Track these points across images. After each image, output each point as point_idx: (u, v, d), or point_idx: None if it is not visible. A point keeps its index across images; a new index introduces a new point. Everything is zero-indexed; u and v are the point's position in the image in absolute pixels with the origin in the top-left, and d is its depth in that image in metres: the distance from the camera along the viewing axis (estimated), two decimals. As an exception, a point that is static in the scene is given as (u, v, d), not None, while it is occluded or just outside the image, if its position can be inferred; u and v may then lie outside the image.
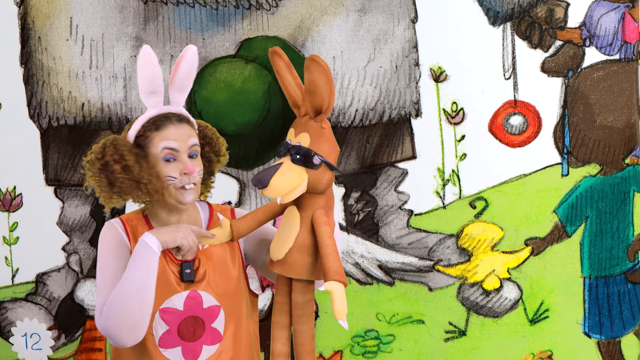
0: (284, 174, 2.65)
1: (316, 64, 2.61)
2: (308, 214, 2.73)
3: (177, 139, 2.75)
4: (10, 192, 3.67)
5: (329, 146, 2.72)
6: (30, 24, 3.63)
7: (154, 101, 2.82)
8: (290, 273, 2.73)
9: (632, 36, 3.72)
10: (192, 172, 2.74)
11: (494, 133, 3.74)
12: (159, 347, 2.77)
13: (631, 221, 3.78)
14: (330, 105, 2.65)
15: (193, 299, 2.78)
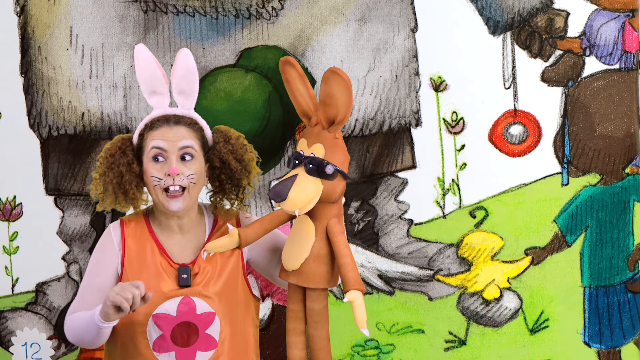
0: (301, 186, 2.65)
1: (337, 77, 2.61)
2: (322, 224, 2.74)
3: (166, 139, 2.75)
4: (10, 201, 3.65)
5: (342, 156, 2.75)
6: (30, 34, 3.61)
7: (156, 101, 2.83)
8: (307, 283, 2.75)
9: (632, 46, 3.70)
10: (174, 173, 2.71)
11: (494, 142, 3.72)
12: (153, 351, 2.77)
13: (631, 231, 3.75)
14: (347, 116, 2.66)
15: (186, 304, 2.77)
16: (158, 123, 2.79)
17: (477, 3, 3.67)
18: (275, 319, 3.71)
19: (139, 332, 2.78)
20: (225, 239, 2.80)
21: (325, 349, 2.81)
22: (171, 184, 2.72)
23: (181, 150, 2.75)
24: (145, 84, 2.82)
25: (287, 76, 2.82)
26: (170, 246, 2.84)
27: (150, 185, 2.76)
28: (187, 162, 2.75)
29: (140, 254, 2.82)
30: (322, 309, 2.79)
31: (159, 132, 2.77)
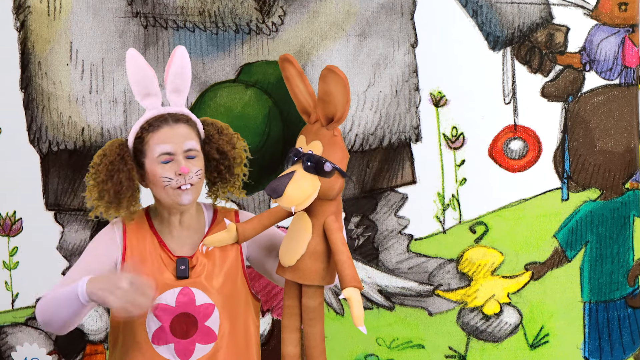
0: (297, 182, 2.64)
1: (334, 75, 2.61)
2: (320, 221, 2.73)
3: (172, 142, 2.74)
4: (10, 216, 3.62)
5: (341, 153, 2.73)
6: (30, 49, 3.58)
7: (149, 103, 2.82)
8: (302, 279, 2.74)
9: (632, 61, 3.67)
10: (186, 173, 2.72)
11: (494, 158, 3.69)
12: (151, 343, 2.76)
13: (631, 246, 3.72)
14: (344, 114, 2.65)
15: (185, 295, 2.76)
16: (157, 123, 2.78)
17: (477, 18, 3.64)
18: (275, 334, 3.68)
19: (139, 323, 2.77)
20: (223, 234, 2.80)
21: (320, 347, 2.80)
22: (183, 183, 2.73)
23: (187, 152, 2.75)
24: (138, 87, 2.81)
25: (286, 73, 2.81)
26: (170, 241, 2.84)
27: (159, 186, 2.75)
28: (193, 160, 2.76)
29: (141, 247, 2.82)
30: (317, 306, 2.78)
31: (162, 134, 2.76)
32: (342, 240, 2.72)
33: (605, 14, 3.65)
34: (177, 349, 2.77)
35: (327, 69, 2.63)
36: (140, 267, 2.74)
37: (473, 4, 3.64)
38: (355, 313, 2.63)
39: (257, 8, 3.58)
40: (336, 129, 2.73)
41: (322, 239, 2.73)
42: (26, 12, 3.57)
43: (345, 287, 2.65)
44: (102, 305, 2.66)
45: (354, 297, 2.63)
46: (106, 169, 2.78)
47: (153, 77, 2.80)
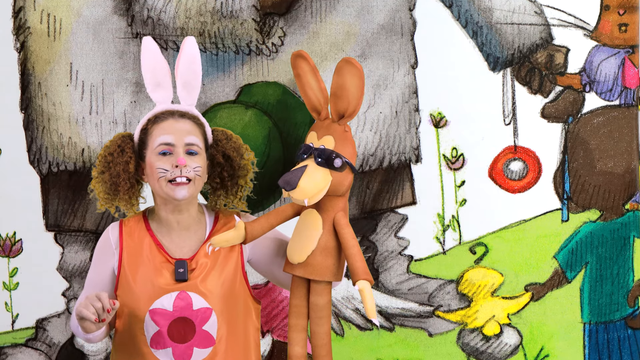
0: (311, 175, 2.65)
1: (351, 66, 2.60)
2: (330, 216, 2.76)
3: (173, 133, 2.75)
4: (10, 237, 3.58)
5: (351, 149, 2.75)
6: (30, 70, 3.54)
7: (160, 96, 2.84)
8: (313, 275, 2.75)
9: (632, 82, 3.63)
10: (183, 164, 2.70)
11: (494, 179, 3.64)
12: (150, 348, 2.76)
13: (631, 267, 3.67)
14: (357, 108, 2.66)
15: (182, 300, 2.75)
16: (163, 116, 2.81)
17: (477, 39, 3.61)
18: (275, 355, 3.64)
19: (137, 328, 2.78)
20: (231, 233, 2.78)
21: (327, 346, 2.80)
22: (178, 175, 2.73)
23: (187, 146, 2.76)
24: (150, 75, 2.84)
25: (298, 70, 2.81)
26: (168, 243, 2.83)
27: (155, 178, 2.76)
28: (193, 156, 2.76)
29: (138, 251, 2.81)
30: (325, 304, 2.79)
31: (165, 125, 2.78)
32: (352, 235, 2.74)
33: (605, 34, 3.62)
34: (175, 354, 2.76)
35: (344, 60, 2.65)
36: None
37: (473, 25, 3.61)
38: (368, 306, 2.64)
39: (257, 29, 3.55)
40: (346, 125, 2.75)
41: (333, 234, 2.75)
42: (26, 33, 3.53)
43: (357, 279, 2.67)
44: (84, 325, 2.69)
45: (366, 289, 2.65)
46: (105, 160, 2.82)
47: (166, 69, 2.83)
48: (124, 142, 2.85)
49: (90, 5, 3.52)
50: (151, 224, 2.85)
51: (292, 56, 2.80)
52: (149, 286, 2.76)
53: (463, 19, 3.60)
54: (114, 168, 2.81)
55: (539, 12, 3.61)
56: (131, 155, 2.82)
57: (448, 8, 3.60)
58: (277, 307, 3.60)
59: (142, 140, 2.82)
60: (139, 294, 2.78)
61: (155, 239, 2.83)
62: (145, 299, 2.75)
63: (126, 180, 2.81)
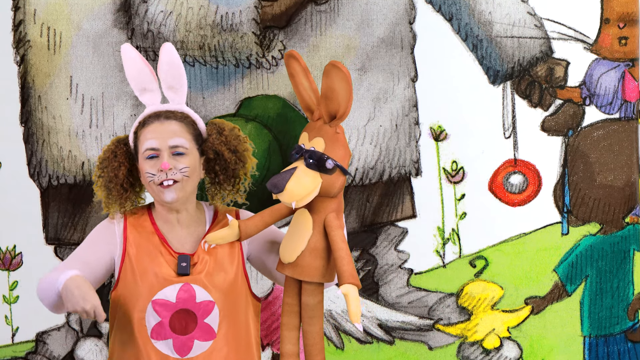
0: (299, 178, 2.62)
1: (337, 70, 2.57)
2: (320, 218, 2.71)
3: (157, 137, 2.73)
4: (10, 251, 3.56)
5: (343, 151, 2.70)
6: (30, 83, 3.52)
7: (148, 99, 2.82)
8: (302, 276, 2.71)
9: (632, 95, 3.61)
10: (166, 169, 2.69)
11: (494, 192, 3.62)
12: (150, 338, 2.74)
13: (631, 280, 3.65)
14: (347, 111, 2.62)
15: (186, 292, 2.74)
16: (149, 120, 2.78)
17: (477, 52, 3.58)
18: (275, 368, 3.64)
19: (138, 318, 2.75)
20: (225, 231, 2.78)
21: (319, 345, 2.76)
22: (164, 179, 2.71)
23: (172, 148, 2.74)
24: (134, 82, 2.82)
25: (291, 70, 2.78)
26: (172, 238, 2.82)
27: (146, 182, 2.76)
28: (179, 157, 2.74)
29: (142, 242, 2.80)
30: (316, 304, 2.75)
31: (150, 129, 2.76)
32: (342, 238, 2.69)
33: (605, 48, 3.60)
34: (176, 345, 2.74)
35: (331, 64, 2.60)
36: None
37: (473, 38, 3.58)
38: (352, 310, 2.58)
39: (257, 42, 3.53)
40: (339, 126, 2.70)
41: (323, 236, 2.71)
42: (26, 46, 3.51)
43: (343, 283, 2.61)
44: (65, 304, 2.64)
45: (351, 293, 2.59)
46: (101, 165, 2.82)
47: (149, 73, 2.80)
48: (117, 148, 2.83)
49: (90, 19, 3.50)
50: (155, 219, 2.85)
51: (285, 56, 2.79)
52: (152, 277, 2.74)
53: (463, 32, 3.58)
54: (107, 174, 2.81)
55: (539, 26, 3.58)
56: (122, 160, 2.82)
57: (448, 21, 3.58)
58: (277, 321, 3.58)
59: (135, 144, 2.81)
60: (143, 284, 2.76)
61: (159, 233, 2.82)
62: (149, 289, 2.74)
63: (118, 186, 2.81)
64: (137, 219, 2.84)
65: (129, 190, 2.85)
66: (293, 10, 3.53)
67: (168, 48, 2.79)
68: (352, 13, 3.53)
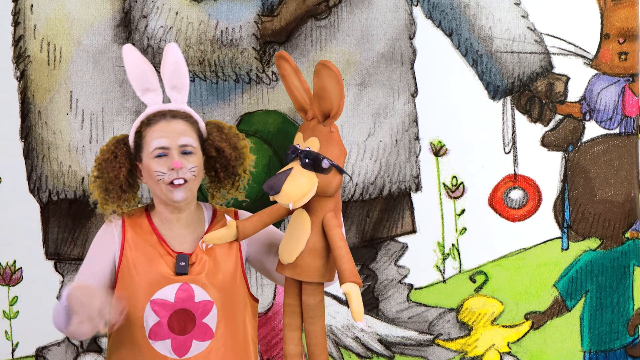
0: (295, 179, 2.61)
1: (327, 69, 2.56)
2: (318, 217, 2.71)
3: (167, 136, 2.72)
4: (10, 266, 3.53)
5: (338, 150, 2.68)
6: (30, 98, 3.49)
7: (150, 99, 2.82)
8: (301, 276, 2.71)
9: (632, 110, 3.58)
10: (178, 167, 2.69)
11: (494, 207, 3.59)
12: (148, 339, 2.72)
13: (631, 295, 3.62)
14: (340, 109, 2.59)
15: (185, 291, 2.73)
16: (155, 118, 2.78)
17: (477, 68, 3.56)
18: (275, 383, 3.61)
19: (136, 319, 2.74)
20: (223, 231, 2.78)
21: (322, 344, 2.76)
22: (175, 178, 2.71)
23: (182, 147, 2.74)
24: (136, 82, 2.82)
25: (282, 71, 2.78)
26: (170, 238, 2.82)
27: (153, 181, 2.74)
28: (188, 156, 2.75)
29: (140, 242, 2.79)
30: (317, 304, 2.75)
31: (158, 127, 2.75)
32: (341, 236, 2.68)
33: (605, 63, 3.57)
34: (174, 345, 2.73)
35: (320, 63, 2.60)
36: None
37: (473, 54, 3.55)
38: (354, 308, 2.57)
39: (257, 57, 3.50)
40: (333, 125, 2.69)
41: (321, 235, 2.70)
42: (26, 62, 3.48)
43: (344, 282, 2.60)
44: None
45: (353, 292, 2.58)
46: (100, 165, 2.81)
47: (151, 73, 2.80)
48: (117, 148, 2.83)
49: (90, 34, 3.47)
50: (153, 219, 2.84)
51: (275, 57, 2.79)
52: (151, 277, 2.74)
53: (463, 47, 3.55)
54: (106, 174, 2.80)
55: (539, 41, 3.56)
56: (123, 161, 2.81)
57: (448, 37, 3.55)
58: (277, 336, 3.55)
59: (138, 143, 2.80)
60: (141, 284, 2.75)
61: (157, 233, 2.81)
62: (147, 289, 2.73)
63: (117, 188, 2.80)
64: (135, 219, 2.84)
65: (127, 192, 2.84)
66: (293, 26, 3.51)
67: (173, 48, 2.80)
68: (352, 28, 3.51)
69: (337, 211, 2.75)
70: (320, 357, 2.77)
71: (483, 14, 3.54)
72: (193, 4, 3.47)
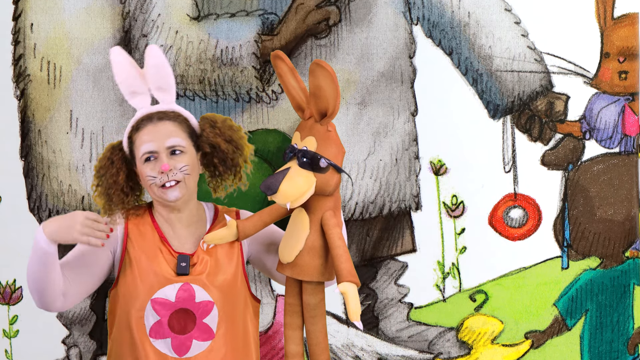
0: (292, 179, 2.60)
1: (321, 68, 2.53)
2: (317, 216, 2.68)
3: (153, 139, 2.71)
4: (10, 285, 3.50)
5: (335, 149, 2.66)
6: (30, 117, 3.46)
7: (138, 102, 2.80)
8: (301, 275, 2.69)
9: (632, 129, 3.56)
10: (167, 170, 2.67)
11: (494, 226, 3.56)
12: (149, 337, 2.72)
13: (631, 314, 3.58)
14: (336, 108, 2.58)
15: (185, 291, 2.72)
16: (143, 123, 2.76)
17: (477, 87, 3.53)
18: (275, 402, 3.58)
19: (137, 317, 2.72)
20: (223, 231, 2.76)
21: (322, 343, 2.74)
22: (166, 180, 2.70)
23: (169, 148, 2.72)
24: (124, 85, 2.79)
25: (278, 70, 2.76)
26: (172, 237, 2.80)
27: (147, 185, 2.74)
28: (177, 156, 2.72)
29: (143, 241, 2.78)
30: (318, 303, 2.73)
31: (145, 132, 2.73)
32: (339, 235, 2.65)
33: (605, 82, 3.54)
34: (174, 344, 2.71)
35: (315, 63, 2.58)
36: None
37: (473, 73, 3.52)
38: (351, 308, 2.54)
39: (257, 76, 3.47)
40: (330, 124, 2.67)
41: (320, 234, 2.68)
42: (26, 81, 3.45)
43: (341, 281, 2.57)
44: (66, 242, 2.61)
45: (350, 292, 2.55)
46: (98, 173, 2.79)
47: (137, 76, 2.78)
48: (113, 154, 2.80)
49: (90, 53, 3.44)
50: (156, 216, 2.82)
51: (272, 57, 2.76)
52: (152, 276, 2.72)
53: (463, 66, 3.52)
54: (105, 181, 2.78)
55: (539, 60, 3.53)
56: (120, 166, 2.79)
57: (448, 55, 3.52)
58: (278, 355, 3.53)
59: (130, 149, 2.78)
60: (142, 283, 2.73)
61: (160, 232, 2.79)
62: (148, 288, 2.71)
63: (118, 192, 2.77)
64: (138, 217, 2.82)
65: (129, 195, 2.82)
66: (293, 45, 3.48)
67: (153, 49, 2.77)
68: (352, 47, 3.48)
69: (337, 210, 2.73)
70: (321, 357, 2.75)
71: (483, 33, 3.51)
72: (193, 22, 3.44)
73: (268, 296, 3.54)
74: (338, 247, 2.63)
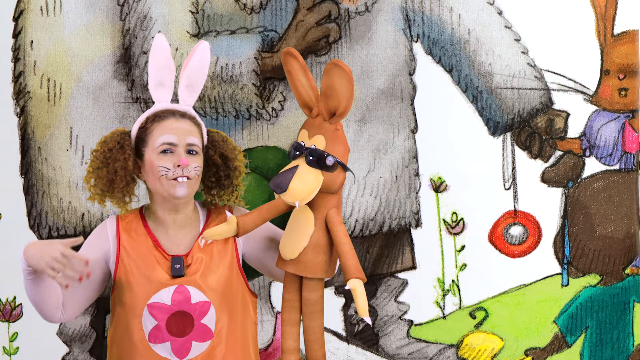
0: (302, 177, 2.59)
1: (338, 68, 2.53)
2: (322, 214, 2.68)
3: (175, 133, 2.70)
4: (10, 302, 3.47)
5: (343, 147, 2.68)
6: (30, 134, 3.43)
7: (161, 94, 2.78)
8: (304, 272, 2.69)
9: (632, 146, 3.53)
10: (185, 165, 2.65)
11: (494, 243, 3.53)
12: (148, 342, 2.71)
13: (631, 331, 3.56)
14: (348, 108, 2.60)
15: (181, 293, 2.71)
16: (164, 115, 2.75)
17: (477, 104, 3.50)
18: (275, 419, 3.56)
19: (135, 323, 2.71)
20: (223, 227, 2.74)
21: (320, 340, 2.74)
22: (180, 175, 2.68)
23: (188, 146, 2.71)
24: (155, 73, 2.77)
25: (288, 67, 2.74)
26: (165, 240, 2.78)
27: (155, 176, 2.71)
28: (193, 156, 2.72)
29: (135, 247, 2.76)
30: (318, 299, 2.73)
31: (167, 124, 2.72)
32: (344, 232, 2.66)
33: (605, 99, 3.51)
34: (174, 348, 2.70)
35: (332, 63, 2.56)
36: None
37: (473, 90, 3.50)
38: (360, 304, 2.55)
39: (257, 94, 3.44)
40: (338, 123, 2.67)
41: (324, 232, 2.68)
42: (26, 98, 3.42)
43: (349, 278, 2.58)
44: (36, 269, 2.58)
45: (358, 288, 2.57)
46: (103, 156, 2.76)
47: (171, 69, 2.76)
48: (123, 139, 2.77)
49: (90, 70, 3.41)
50: (148, 222, 2.80)
51: (282, 53, 2.73)
52: (146, 281, 2.70)
53: (463, 83, 3.50)
54: (112, 164, 2.75)
55: (539, 77, 3.50)
56: (130, 152, 2.76)
57: (448, 73, 3.50)
58: (277, 371, 3.50)
59: (141, 138, 2.75)
60: (137, 289, 2.72)
61: (152, 236, 2.77)
62: (144, 293, 2.70)
63: (123, 178, 2.75)
64: (129, 222, 2.81)
65: (130, 183, 2.80)
66: (293, 62, 3.45)
67: (206, 47, 2.77)
68: (352, 64, 3.45)
69: (339, 207, 2.72)
70: (318, 353, 2.74)
71: (483, 50, 3.48)
72: (193, 39, 3.41)
73: (268, 313, 3.51)
74: (344, 244, 2.63)
